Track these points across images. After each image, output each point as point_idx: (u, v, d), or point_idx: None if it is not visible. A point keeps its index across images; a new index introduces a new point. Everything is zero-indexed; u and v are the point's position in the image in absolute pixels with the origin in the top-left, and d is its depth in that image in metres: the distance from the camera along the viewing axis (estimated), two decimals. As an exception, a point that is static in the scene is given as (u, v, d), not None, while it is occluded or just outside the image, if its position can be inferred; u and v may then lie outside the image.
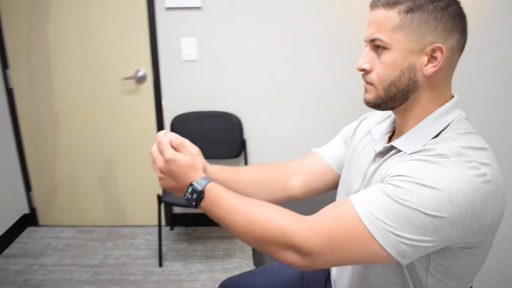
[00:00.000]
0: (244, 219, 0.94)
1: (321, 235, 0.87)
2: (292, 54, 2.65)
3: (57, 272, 2.51)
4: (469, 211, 0.80)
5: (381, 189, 0.86)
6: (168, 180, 1.03)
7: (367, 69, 0.96)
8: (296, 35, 2.61)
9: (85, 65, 2.72)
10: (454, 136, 0.89)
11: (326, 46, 2.60)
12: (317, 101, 2.71)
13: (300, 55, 2.65)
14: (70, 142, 2.87)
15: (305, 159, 1.29)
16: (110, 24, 2.65)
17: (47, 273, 2.51)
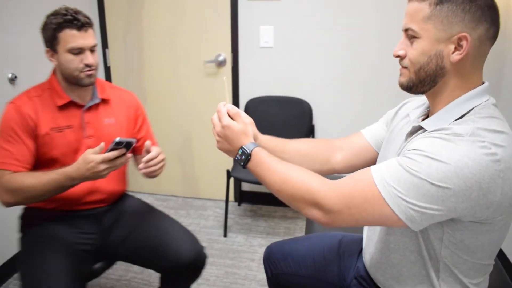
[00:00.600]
0: (280, 178, 1.08)
1: (340, 195, 0.99)
2: (363, 43, 2.72)
3: (135, 232, 2.81)
4: (474, 185, 0.87)
5: (397, 160, 0.95)
6: (223, 143, 1.20)
7: (401, 55, 1.04)
8: (364, 24, 2.68)
9: (172, 48, 2.99)
10: (475, 119, 0.95)
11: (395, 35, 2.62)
12: (385, 89, 2.74)
13: (371, 44, 2.71)
14: (155, 118, 3.12)
15: (349, 138, 1.41)
16: (196, 11, 2.89)
17: (127, 231, 2.81)
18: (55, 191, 1.49)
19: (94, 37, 1.61)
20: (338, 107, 2.87)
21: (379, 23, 2.66)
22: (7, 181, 1.50)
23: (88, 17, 1.58)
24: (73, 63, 1.56)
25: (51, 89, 1.64)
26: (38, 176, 1.49)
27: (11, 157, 1.53)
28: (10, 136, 1.54)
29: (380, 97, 2.78)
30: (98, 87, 1.72)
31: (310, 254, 1.47)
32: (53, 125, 1.60)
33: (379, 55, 2.70)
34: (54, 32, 1.54)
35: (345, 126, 2.88)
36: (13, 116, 1.56)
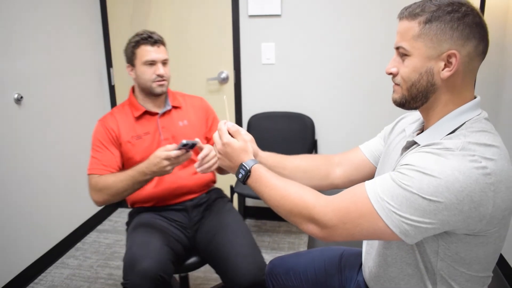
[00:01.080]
0: (278, 194, 1.11)
1: (335, 211, 1.01)
2: (363, 59, 2.76)
3: (139, 248, 2.83)
4: (466, 198, 0.88)
5: (390, 175, 0.98)
6: (224, 160, 1.23)
7: (394, 73, 1.07)
8: (367, 40, 2.72)
9: (175, 66, 3.00)
10: (466, 133, 0.97)
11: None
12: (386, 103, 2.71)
13: (371, 59, 2.74)
14: (159, 135, 3.20)
15: (348, 153, 1.43)
16: (198, 29, 2.95)
17: (131, 248, 2.84)
18: (133, 186, 1.68)
19: (166, 53, 1.88)
20: (340, 121, 2.90)
21: (379, 39, 2.70)
22: (95, 182, 1.75)
23: (161, 37, 1.87)
24: (147, 73, 1.82)
25: (130, 104, 1.91)
26: (117, 174, 1.73)
27: (99, 164, 1.79)
28: (98, 146, 1.83)
29: (382, 112, 2.80)
30: (170, 97, 1.97)
31: (311, 268, 1.48)
32: (133, 134, 1.86)
33: (380, 70, 2.71)
34: (133, 49, 1.84)
35: (347, 140, 2.90)
36: (99, 131, 1.85)
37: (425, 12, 1.00)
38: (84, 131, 2.94)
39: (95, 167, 1.79)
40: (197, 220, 1.93)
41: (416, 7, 1.03)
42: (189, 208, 1.93)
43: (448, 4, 0.99)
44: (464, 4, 1.00)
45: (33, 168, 2.49)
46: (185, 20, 2.94)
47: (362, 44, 2.73)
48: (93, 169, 1.79)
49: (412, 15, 1.02)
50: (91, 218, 3.06)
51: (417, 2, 1.05)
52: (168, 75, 1.88)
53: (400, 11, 1.07)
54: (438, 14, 0.99)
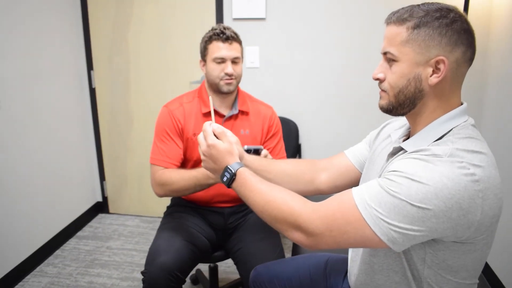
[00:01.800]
0: (263, 199, 1.08)
1: (322, 218, 0.98)
2: (348, 63, 2.75)
3: (120, 255, 2.77)
4: (454, 205, 0.87)
5: (378, 182, 0.96)
6: (208, 162, 1.21)
7: (381, 78, 1.06)
8: (352, 45, 2.71)
9: (158, 68, 3.00)
10: (453, 140, 0.96)
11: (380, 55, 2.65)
12: (371, 108, 2.75)
13: (356, 64, 2.74)
14: (141, 138, 3.15)
15: (333, 158, 1.42)
16: (182, 32, 2.91)
17: (112, 255, 2.78)
18: (194, 187, 1.69)
19: (239, 51, 1.81)
20: (325, 126, 2.89)
21: (364, 44, 2.70)
22: (159, 176, 1.76)
23: (235, 33, 1.80)
24: (215, 71, 1.77)
25: (200, 97, 1.87)
26: (182, 173, 1.73)
27: (164, 155, 1.79)
28: (164, 136, 1.81)
29: (367, 116, 2.80)
30: (239, 99, 1.91)
31: (296, 276, 1.46)
32: (195, 131, 1.82)
33: (365, 75, 2.71)
34: (205, 44, 1.80)
35: (331, 145, 2.89)
36: (166, 119, 1.83)
37: (413, 18, 0.99)
38: (64, 135, 2.88)
39: (160, 159, 1.79)
40: (232, 226, 1.95)
41: (404, 12, 1.01)
42: (227, 213, 1.95)
43: (436, 9, 0.99)
44: (452, 10, 0.99)
45: (11, 173, 2.42)
46: (169, 23, 2.90)
47: (347, 48, 2.72)
48: (158, 160, 1.79)
49: (400, 20, 1.01)
50: (70, 224, 2.99)
51: (405, 7, 1.04)
52: (238, 74, 1.82)
53: (387, 16, 1.06)
54: (426, 19, 0.98)
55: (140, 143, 3.17)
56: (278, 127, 1.98)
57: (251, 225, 1.91)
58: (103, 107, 3.14)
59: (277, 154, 1.93)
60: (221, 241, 1.96)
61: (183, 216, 1.91)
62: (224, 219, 1.95)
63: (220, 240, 1.95)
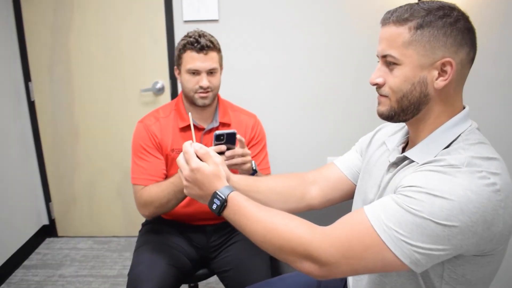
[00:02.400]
0: (264, 228, 0.96)
1: (336, 245, 0.89)
2: (308, 64, 2.67)
3: (75, 283, 2.53)
4: (480, 219, 0.82)
5: (393, 199, 0.88)
6: (193, 188, 1.06)
7: (380, 83, 0.99)
8: (312, 45, 2.63)
9: (104, 77, 2.78)
10: (465, 146, 0.91)
11: (343, 56, 2.61)
12: (333, 111, 2.71)
13: (316, 65, 2.66)
14: (89, 153, 2.91)
15: (323, 170, 1.32)
16: (129, 37, 2.70)
17: (66, 284, 2.53)
18: (175, 195, 1.55)
19: (216, 61, 1.68)
20: (288, 129, 2.79)
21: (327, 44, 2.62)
22: (141, 195, 1.64)
23: (211, 41, 1.66)
24: (189, 83, 1.66)
25: (177, 110, 1.76)
26: (159, 184, 1.62)
27: (145, 172, 1.66)
28: (141, 152, 1.69)
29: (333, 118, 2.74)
30: (220, 110, 1.79)
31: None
32: (173, 146, 1.71)
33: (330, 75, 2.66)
34: (179, 52, 1.68)
35: (295, 147, 2.80)
36: (141, 134, 1.71)
37: (415, 17, 0.92)
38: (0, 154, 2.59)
39: (140, 177, 1.67)
40: (216, 244, 1.83)
41: (404, 12, 0.94)
42: (209, 231, 1.84)
43: (438, 8, 0.92)
44: (455, 8, 0.93)
45: None
46: (114, 27, 2.69)
47: (309, 48, 2.64)
48: (138, 179, 1.68)
49: (400, 20, 0.93)
50: (15, 253, 2.69)
51: (402, 6, 0.97)
52: (215, 86, 1.70)
53: (383, 16, 0.98)
54: (429, 19, 0.91)
55: (88, 159, 2.92)
56: (262, 136, 1.86)
57: (238, 243, 1.78)
58: (45, 122, 2.87)
59: (259, 165, 1.81)
60: (203, 260, 1.82)
61: (162, 235, 1.78)
62: (206, 238, 1.83)
63: (202, 259, 1.82)
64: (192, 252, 1.79)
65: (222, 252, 1.79)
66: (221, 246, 1.82)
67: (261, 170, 1.82)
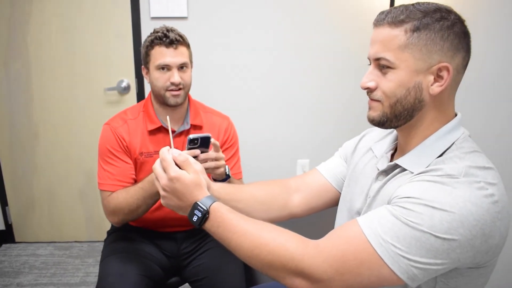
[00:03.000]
0: (251, 242, 0.91)
1: (330, 260, 0.85)
2: (277, 66, 2.62)
3: (35, 292, 2.39)
4: (479, 232, 0.79)
5: (390, 211, 0.84)
6: (171, 198, 0.99)
7: (372, 87, 0.94)
8: (282, 47, 2.59)
9: (66, 75, 2.63)
10: (460, 155, 0.89)
11: (314, 56, 2.58)
12: (302, 114, 2.68)
13: (285, 67, 2.62)
14: (49, 155, 2.76)
15: (305, 177, 1.27)
16: (93, 34, 2.57)
17: (25, 293, 2.39)
18: (144, 200, 1.48)
19: (186, 55, 1.61)
20: (254, 131, 2.73)
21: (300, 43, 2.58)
22: (108, 202, 1.56)
23: (180, 35, 1.59)
24: (159, 80, 1.57)
25: (145, 111, 1.67)
26: (128, 189, 1.53)
27: (112, 177, 1.58)
28: (108, 156, 1.60)
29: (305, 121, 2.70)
30: (191, 112, 1.71)
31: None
32: (142, 150, 1.63)
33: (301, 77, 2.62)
34: (147, 49, 1.59)
35: (267, 150, 2.75)
36: (108, 137, 1.61)
37: (412, 19, 0.88)
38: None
39: (108, 182, 1.58)
40: (187, 251, 1.74)
41: (399, 13, 0.89)
42: (180, 238, 1.76)
43: (435, 10, 0.88)
44: (451, 11, 0.90)
45: None
46: (76, 23, 2.55)
47: (280, 50, 2.59)
48: (105, 184, 1.58)
49: (396, 21, 0.89)
50: (-32, 262, 2.53)
51: (397, 7, 0.92)
52: (186, 83, 1.62)
53: (377, 17, 0.93)
54: (426, 21, 0.87)
55: (48, 160, 2.77)
56: (235, 139, 1.80)
57: (211, 251, 1.71)
58: (1, 121, 2.70)
59: (231, 169, 1.74)
60: (175, 268, 1.75)
61: (130, 243, 1.68)
62: (177, 245, 1.75)
63: (173, 267, 1.74)
64: (164, 260, 1.71)
65: (195, 260, 1.72)
66: (192, 253, 1.75)
67: (233, 175, 1.75)
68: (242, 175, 1.85)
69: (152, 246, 1.72)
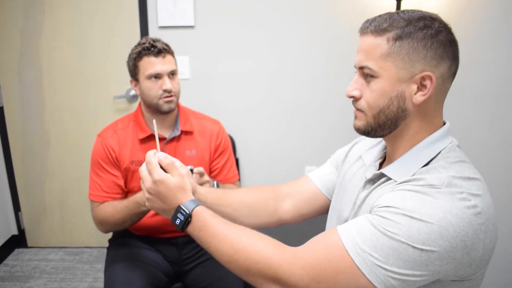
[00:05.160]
0: (230, 247, 0.91)
1: (307, 268, 0.84)
2: (284, 73, 2.61)
3: (44, 296, 2.44)
4: (459, 244, 0.78)
5: (369, 220, 0.83)
6: (155, 201, 1.01)
7: (356, 96, 0.94)
8: (288, 54, 2.58)
9: (76, 83, 2.69)
10: (445, 165, 0.87)
11: (319, 66, 2.57)
12: (310, 121, 2.66)
13: (292, 74, 2.61)
14: (60, 161, 2.82)
15: (296, 183, 1.26)
16: (103, 43, 2.62)
17: (34, 297, 2.43)
18: (130, 218, 1.54)
19: (174, 63, 1.67)
20: (264, 139, 2.73)
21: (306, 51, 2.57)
22: (96, 213, 1.63)
23: (166, 44, 1.65)
24: (152, 90, 1.61)
25: (136, 121, 1.71)
26: (115, 205, 1.59)
27: (100, 189, 1.64)
28: (98, 168, 1.66)
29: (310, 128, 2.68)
30: (181, 118, 1.74)
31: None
32: (133, 159, 1.66)
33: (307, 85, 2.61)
34: (135, 61, 1.64)
35: (272, 158, 2.74)
36: (98, 149, 1.67)
37: (394, 28, 0.87)
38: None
39: (96, 194, 1.65)
40: (188, 257, 1.77)
41: (383, 21, 0.88)
42: (181, 244, 1.78)
43: (419, 18, 0.87)
44: (436, 19, 0.88)
45: None
46: (87, 32, 2.60)
47: (285, 57, 2.58)
48: (94, 195, 1.66)
49: (379, 30, 0.88)
50: (-19, 265, 2.59)
51: (382, 15, 0.91)
52: (177, 89, 1.67)
53: (362, 25, 0.93)
54: (409, 30, 0.86)
55: (60, 166, 2.83)
56: (227, 143, 1.82)
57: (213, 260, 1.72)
58: (14, 128, 2.77)
59: (227, 173, 1.77)
60: (177, 274, 1.78)
61: (133, 250, 1.71)
62: (178, 250, 1.77)
63: (176, 273, 1.78)
64: (166, 266, 1.74)
65: (197, 267, 1.74)
66: (194, 259, 1.76)
67: (229, 178, 1.79)
68: (239, 177, 1.85)
69: (154, 252, 1.74)
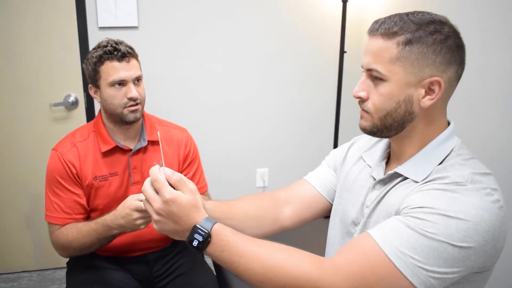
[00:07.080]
0: (262, 266, 0.85)
1: (348, 278, 0.82)
2: (233, 73, 2.59)
3: (-22, 330, 2.17)
4: (490, 237, 0.81)
5: (404, 222, 0.83)
6: (166, 223, 0.89)
7: (363, 97, 0.94)
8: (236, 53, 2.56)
9: (7, 91, 2.45)
10: (461, 162, 0.90)
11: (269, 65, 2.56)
12: (263, 122, 2.65)
13: (241, 74, 2.60)
14: (-9, 178, 2.55)
15: (294, 188, 1.24)
16: (36, 45, 2.41)
17: (-34, 332, 2.16)
18: (98, 242, 1.40)
19: (139, 68, 1.52)
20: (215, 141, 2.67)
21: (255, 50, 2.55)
22: (56, 237, 1.48)
23: (130, 47, 1.49)
24: (115, 98, 1.45)
25: (97, 132, 1.54)
26: (79, 228, 1.43)
27: (59, 210, 1.48)
28: (56, 187, 1.49)
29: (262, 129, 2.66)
30: (147, 127, 1.60)
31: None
32: (97, 174, 1.51)
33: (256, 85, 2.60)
34: (95, 66, 1.46)
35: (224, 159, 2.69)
36: (55, 165, 1.49)
37: (405, 32, 0.87)
38: None
39: (55, 216, 1.47)
40: (160, 274, 1.65)
41: (393, 25, 0.88)
42: (152, 260, 1.65)
43: (429, 22, 0.87)
44: (445, 23, 0.89)
45: None
46: (17, 33, 2.38)
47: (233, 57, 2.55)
48: (52, 217, 1.48)
49: (389, 33, 0.88)
50: None
51: (391, 16, 0.90)
52: (143, 97, 1.52)
53: (371, 26, 0.92)
54: (419, 34, 0.86)
55: (-10, 184, 2.56)
56: (196, 152, 1.71)
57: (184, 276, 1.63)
58: None
59: (197, 184, 1.64)
60: None
61: (98, 274, 1.55)
62: (149, 268, 1.65)
63: None
64: (136, 286, 1.61)
65: (170, 284, 1.63)
66: (167, 275, 1.65)
67: (200, 189, 1.68)
68: (208, 187, 1.75)
69: (122, 272, 1.60)
